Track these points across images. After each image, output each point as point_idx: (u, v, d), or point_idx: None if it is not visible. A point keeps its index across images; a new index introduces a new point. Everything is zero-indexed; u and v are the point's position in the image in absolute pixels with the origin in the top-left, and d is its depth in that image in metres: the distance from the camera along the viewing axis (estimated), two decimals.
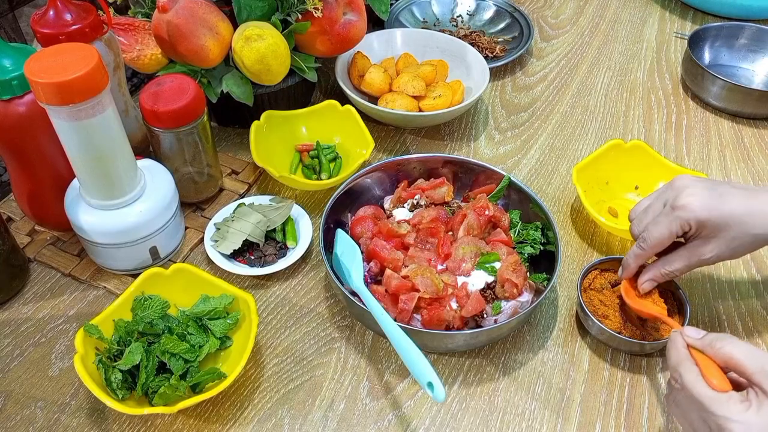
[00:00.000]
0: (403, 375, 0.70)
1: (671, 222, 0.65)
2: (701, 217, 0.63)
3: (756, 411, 0.50)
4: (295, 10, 0.86)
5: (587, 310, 0.70)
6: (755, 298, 0.79)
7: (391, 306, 0.69)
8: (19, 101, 0.67)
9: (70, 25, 0.71)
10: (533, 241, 0.77)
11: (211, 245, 0.79)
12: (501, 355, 0.72)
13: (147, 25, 0.86)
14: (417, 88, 0.97)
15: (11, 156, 0.73)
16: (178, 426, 0.65)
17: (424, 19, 1.25)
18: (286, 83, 0.92)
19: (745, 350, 0.53)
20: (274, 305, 0.76)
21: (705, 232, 0.64)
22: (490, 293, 0.71)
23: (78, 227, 0.72)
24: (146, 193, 0.74)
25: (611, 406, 0.68)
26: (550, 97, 1.09)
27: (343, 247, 0.76)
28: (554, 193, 0.92)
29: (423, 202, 0.79)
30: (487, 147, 0.99)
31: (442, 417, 0.67)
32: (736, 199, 0.63)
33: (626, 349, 0.72)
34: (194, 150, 0.80)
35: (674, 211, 0.64)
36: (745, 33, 1.13)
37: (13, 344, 0.72)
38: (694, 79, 1.07)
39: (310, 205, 0.88)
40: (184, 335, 0.67)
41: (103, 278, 0.77)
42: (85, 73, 0.59)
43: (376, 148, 0.97)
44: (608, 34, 1.25)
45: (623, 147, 0.87)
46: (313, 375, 0.70)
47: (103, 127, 0.65)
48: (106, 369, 0.63)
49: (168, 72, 0.84)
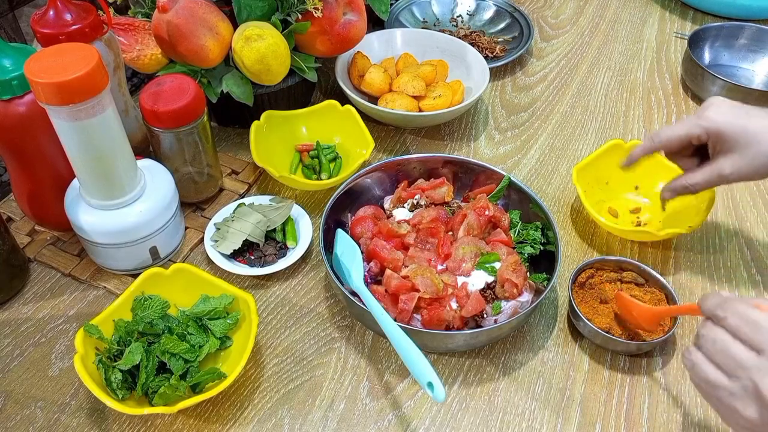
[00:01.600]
0: (403, 375, 0.70)
1: (690, 126, 0.66)
2: (721, 128, 0.63)
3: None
4: (295, 10, 0.86)
5: (578, 310, 0.70)
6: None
7: (391, 306, 0.69)
8: (19, 101, 0.67)
9: (70, 25, 0.71)
10: (533, 241, 0.77)
11: (211, 245, 0.79)
12: (501, 355, 0.72)
13: (147, 25, 0.86)
14: (417, 88, 0.97)
15: (11, 156, 0.73)
16: (178, 426, 0.65)
17: (424, 19, 1.25)
18: (286, 83, 0.92)
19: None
20: (274, 305, 0.76)
21: (725, 146, 0.64)
22: (490, 293, 0.71)
23: (78, 227, 0.72)
24: (146, 193, 0.74)
25: (611, 406, 0.68)
26: (550, 97, 1.09)
27: (343, 247, 0.76)
28: (554, 193, 0.92)
29: (423, 202, 0.79)
30: (487, 147, 0.99)
31: (442, 417, 0.67)
32: (761, 119, 0.63)
33: (616, 349, 0.71)
34: (194, 150, 0.80)
35: (697, 119, 0.66)
36: (745, 33, 1.13)
37: (13, 344, 0.72)
38: (694, 79, 1.07)
39: (310, 205, 0.88)
40: (184, 335, 0.67)
41: (103, 278, 0.77)
42: (85, 73, 0.59)
43: (376, 148, 0.97)
44: (608, 34, 1.25)
45: (623, 147, 0.87)
46: (313, 375, 0.70)
47: (103, 127, 0.65)
48: (106, 369, 0.63)
49: (168, 72, 0.84)
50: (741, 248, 0.84)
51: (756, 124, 0.63)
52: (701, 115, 0.67)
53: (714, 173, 0.67)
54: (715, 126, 0.64)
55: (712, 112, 0.66)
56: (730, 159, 0.65)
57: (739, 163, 0.65)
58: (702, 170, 0.68)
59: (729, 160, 0.65)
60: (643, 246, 0.84)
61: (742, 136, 0.63)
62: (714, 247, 0.84)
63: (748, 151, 0.64)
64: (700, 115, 0.67)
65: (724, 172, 0.66)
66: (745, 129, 0.63)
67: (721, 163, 0.66)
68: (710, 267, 0.82)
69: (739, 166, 0.65)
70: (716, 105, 0.67)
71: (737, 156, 0.65)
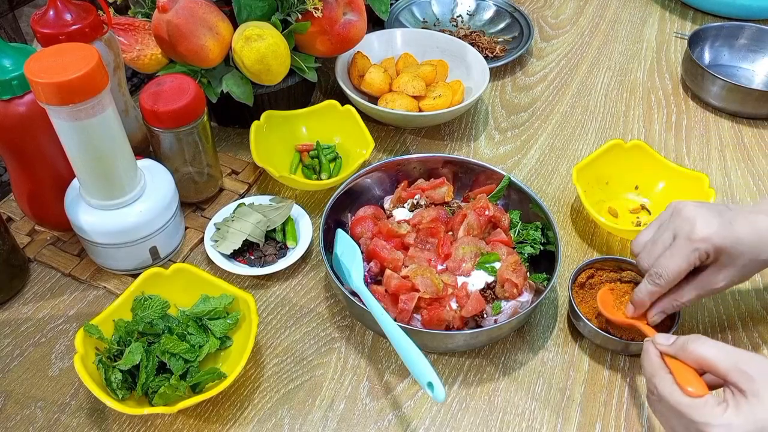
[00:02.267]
0: (403, 375, 0.70)
1: (690, 254, 0.62)
2: (719, 245, 0.61)
3: (734, 411, 0.49)
4: (295, 10, 0.86)
5: (578, 310, 0.70)
6: (755, 298, 0.79)
7: (391, 306, 0.69)
8: (19, 101, 0.67)
9: (70, 25, 0.71)
10: (533, 241, 0.77)
11: (211, 245, 0.79)
12: (501, 355, 0.72)
13: (147, 25, 0.86)
14: (417, 88, 0.97)
15: (11, 156, 0.73)
16: (178, 426, 0.65)
17: (424, 19, 1.25)
18: (286, 83, 0.92)
19: (716, 349, 0.52)
20: (274, 305, 0.76)
21: (721, 260, 0.62)
22: (490, 293, 0.71)
23: (78, 227, 0.72)
24: (146, 193, 0.74)
25: (611, 406, 0.68)
26: (550, 97, 1.09)
27: (343, 247, 0.76)
28: (554, 193, 0.92)
29: (423, 202, 0.79)
30: (487, 147, 0.99)
31: (442, 417, 0.67)
32: (744, 225, 0.61)
33: (616, 349, 0.71)
34: (194, 150, 0.80)
35: (692, 243, 0.62)
36: (745, 33, 1.13)
37: (13, 344, 0.72)
38: (694, 79, 1.07)
39: (310, 205, 0.88)
40: (184, 335, 0.67)
41: (103, 278, 0.77)
42: (85, 73, 0.59)
43: (376, 148, 0.97)
44: (608, 34, 1.25)
45: (623, 147, 0.87)
46: (313, 375, 0.70)
47: (103, 127, 0.65)
48: (106, 369, 0.63)
49: (168, 72, 0.84)
50: None
51: (742, 234, 0.61)
52: (696, 238, 0.62)
53: (706, 289, 0.64)
54: (712, 246, 0.61)
55: (705, 232, 0.61)
56: (722, 272, 0.63)
57: (732, 275, 0.63)
58: (692, 286, 0.65)
59: (721, 273, 0.63)
60: None
61: (734, 248, 0.61)
62: None
63: (739, 261, 0.62)
64: (692, 238, 0.62)
65: (717, 285, 0.64)
66: (736, 242, 0.61)
67: (713, 278, 0.64)
68: None
69: (732, 278, 0.63)
70: (703, 221, 0.62)
71: (730, 269, 0.63)
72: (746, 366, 0.50)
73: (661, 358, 0.56)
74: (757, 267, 0.63)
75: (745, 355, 0.51)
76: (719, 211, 0.63)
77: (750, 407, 0.49)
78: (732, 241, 0.61)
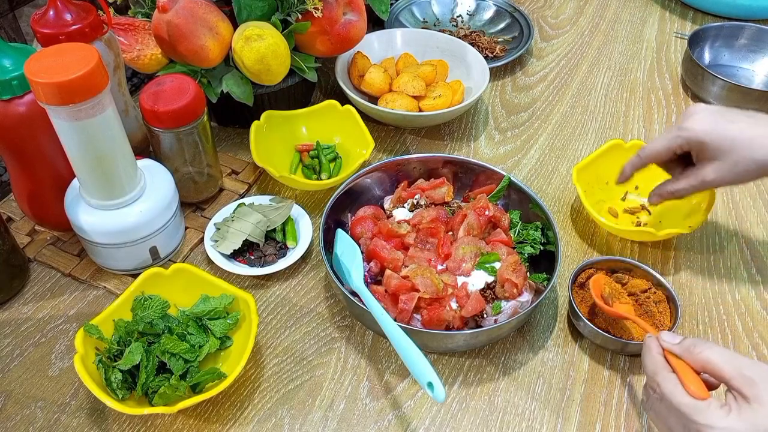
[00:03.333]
0: (403, 375, 0.70)
1: (671, 138, 0.68)
2: (702, 138, 0.65)
3: (737, 416, 0.50)
4: (295, 10, 0.86)
5: (578, 310, 0.70)
6: (755, 298, 0.79)
7: (391, 306, 0.69)
8: (19, 101, 0.67)
9: (70, 25, 0.71)
10: (533, 241, 0.77)
11: (211, 245, 0.79)
12: (501, 355, 0.72)
13: (147, 25, 0.86)
14: (417, 88, 0.97)
15: (11, 156, 0.73)
16: (178, 426, 0.65)
17: (424, 19, 1.25)
18: (286, 83, 0.92)
19: (723, 355, 0.53)
20: (274, 305, 0.76)
21: (707, 154, 0.66)
22: (490, 293, 0.71)
23: (78, 227, 0.72)
24: (146, 193, 0.74)
25: (611, 406, 0.68)
26: (550, 97, 1.09)
27: (343, 247, 0.76)
28: (554, 193, 0.92)
29: (423, 202, 0.79)
30: (487, 147, 0.99)
31: (442, 417, 0.67)
32: (741, 125, 0.65)
33: (616, 349, 0.71)
34: (194, 150, 0.80)
35: (678, 131, 0.68)
36: (745, 33, 1.13)
37: (13, 344, 0.72)
38: (694, 79, 1.07)
39: (310, 205, 0.88)
40: (184, 335, 0.67)
41: (103, 278, 0.77)
42: (85, 73, 0.59)
43: (376, 148, 0.97)
44: (608, 34, 1.25)
45: (623, 147, 0.87)
46: (313, 375, 0.70)
47: (103, 127, 0.65)
48: (106, 369, 0.63)
49: (168, 72, 0.84)
50: (741, 248, 0.84)
51: (736, 130, 0.65)
52: (681, 126, 0.68)
53: (698, 180, 0.69)
54: (695, 135, 0.66)
55: (691, 122, 0.68)
56: (712, 166, 0.67)
57: (721, 169, 0.67)
58: (686, 177, 0.70)
59: (711, 166, 0.67)
60: (643, 246, 0.84)
61: (723, 143, 0.65)
62: (714, 247, 0.85)
63: (730, 157, 0.65)
64: (680, 125, 0.69)
65: (707, 178, 0.68)
66: (726, 136, 0.65)
67: (704, 170, 0.68)
68: (710, 267, 0.82)
69: (722, 173, 0.67)
70: (696, 113, 0.68)
71: (720, 162, 0.67)
72: (750, 372, 0.51)
73: (663, 356, 0.57)
74: (753, 169, 0.66)
75: (748, 361, 0.52)
76: (724, 112, 0.67)
77: (752, 412, 0.49)
78: (720, 135, 0.65)
